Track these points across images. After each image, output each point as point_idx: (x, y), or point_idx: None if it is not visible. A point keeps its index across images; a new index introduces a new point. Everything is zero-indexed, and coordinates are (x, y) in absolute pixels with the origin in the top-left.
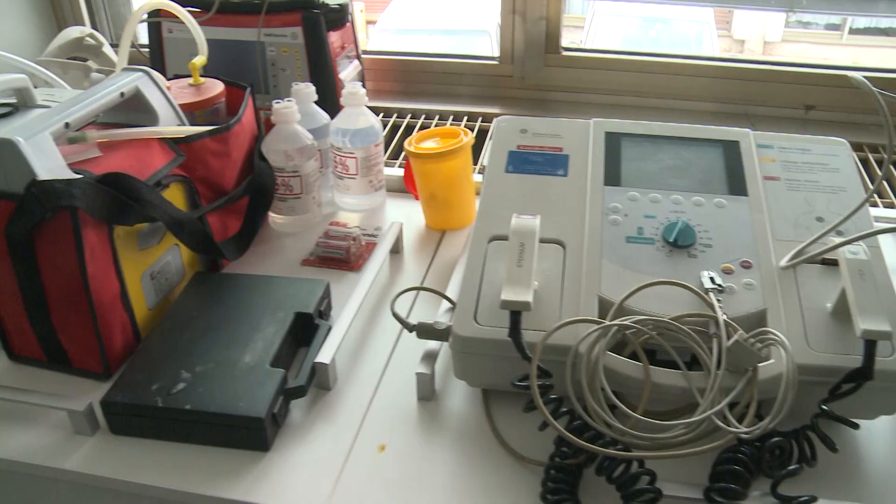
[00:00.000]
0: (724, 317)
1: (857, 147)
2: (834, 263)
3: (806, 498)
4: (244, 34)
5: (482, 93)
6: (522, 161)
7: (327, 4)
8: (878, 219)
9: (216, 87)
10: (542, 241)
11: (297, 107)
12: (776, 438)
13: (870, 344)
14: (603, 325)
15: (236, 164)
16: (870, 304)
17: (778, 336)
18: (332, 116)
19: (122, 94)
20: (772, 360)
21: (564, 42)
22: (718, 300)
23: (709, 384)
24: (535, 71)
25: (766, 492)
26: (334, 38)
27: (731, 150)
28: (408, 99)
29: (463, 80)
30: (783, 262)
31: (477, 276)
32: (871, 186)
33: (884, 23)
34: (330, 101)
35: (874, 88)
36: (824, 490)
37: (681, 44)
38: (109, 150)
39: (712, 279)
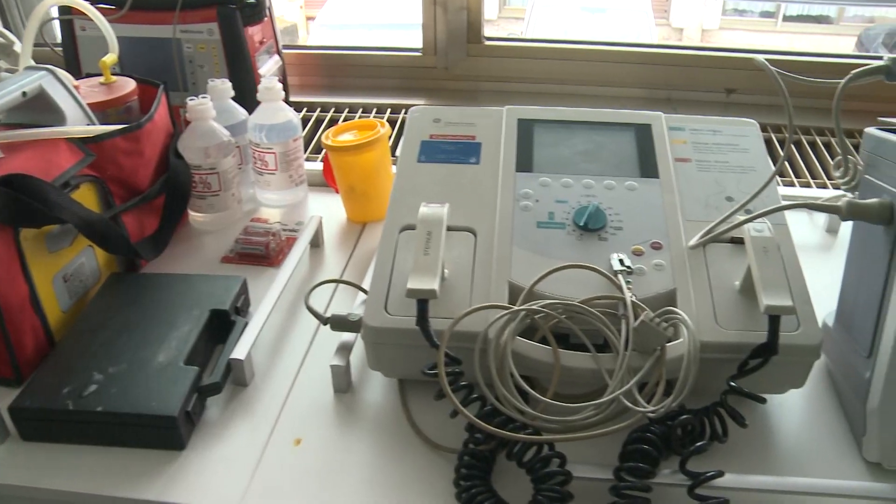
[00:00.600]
0: (633, 298)
1: (776, 129)
2: (742, 242)
3: (713, 473)
4: (160, 31)
5: (408, 85)
6: (435, 150)
7: None
8: (786, 197)
9: (128, 85)
10: (453, 228)
11: (212, 103)
12: (684, 416)
13: (774, 319)
14: (511, 310)
15: (150, 162)
16: (773, 281)
17: (681, 315)
18: (252, 112)
19: (24, 93)
20: (680, 340)
21: (504, 33)
22: (628, 282)
23: (617, 365)
24: (458, 61)
25: (677, 469)
26: (252, 33)
27: (643, 134)
28: (334, 93)
29: (388, 72)
30: (692, 242)
31: (388, 267)
32: (786, 166)
33: (815, 10)
34: (249, 97)
35: (773, 70)
36: (737, 464)
37: (616, 30)
38: (12, 151)
39: (621, 261)
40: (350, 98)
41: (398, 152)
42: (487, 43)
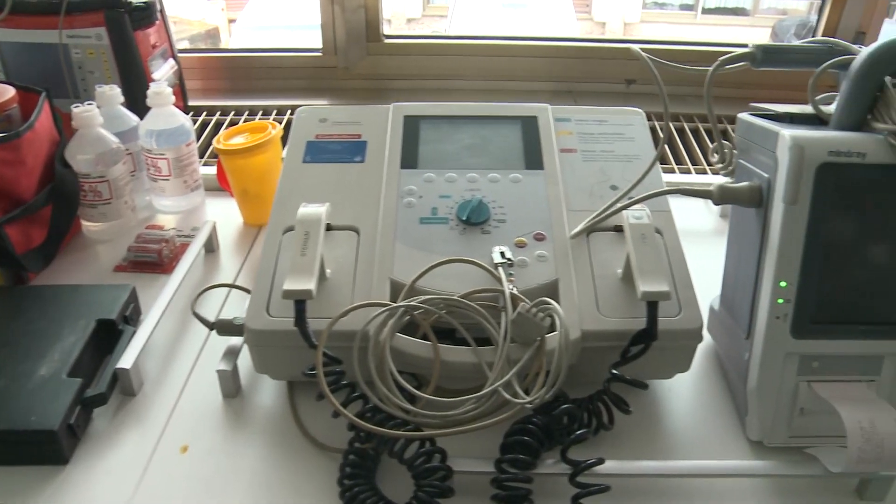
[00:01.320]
0: (512, 290)
1: (673, 117)
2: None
3: (593, 461)
4: (46, 36)
5: (311, 85)
6: (320, 150)
7: (131, 3)
8: (670, 184)
9: (6, 92)
10: (337, 228)
11: (100, 110)
12: (565, 406)
13: (651, 305)
14: (389, 307)
15: (34, 172)
16: (650, 267)
17: (553, 305)
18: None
19: None
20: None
21: (428, 31)
22: (510, 274)
23: (496, 358)
24: (358, 60)
25: (560, 459)
26: (143, 36)
27: (529, 126)
28: (239, 96)
29: (291, 73)
30: (573, 232)
31: (271, 269)
32: (668, 153)
33: (731, 2)
34: (142, 102)
35: (647, 59)
36: (628, 451)
37: (539, 26)
38: None
39: (502, 254)
40: (254, 101)
41: (283, 154)
42: (387, 41)
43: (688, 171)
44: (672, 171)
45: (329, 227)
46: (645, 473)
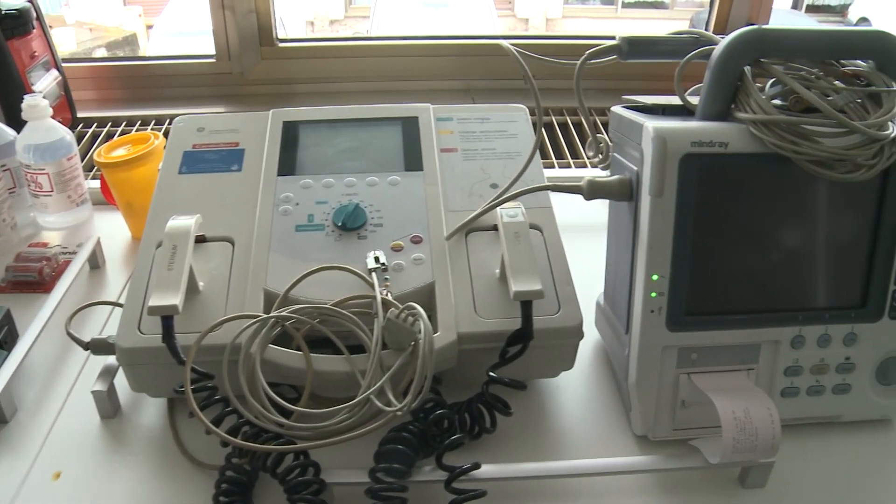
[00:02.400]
0: (386, 295)
1: (571, 111)
2: None
3: (468, 465)
4: None
5: (207, 93)
6: (196, 160)
7: (1, 10)
8: (552, 179)
9: None
10: (211, 239)
11: None
12: (439, 412)
13: (526, 304)
14: (259, 318)
15: None
16: (523, 266)
17: (417, 309)
18: None
19: None
20: (437, 334)
21: (350, 32)
22: (386, 279)
23: (369, 365)
24: (253, 66)
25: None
26: (19, 46)
27: (410, 127)
28: (135, 106)
29: (187, 81)
30: (448, 233)
31: (143, 285)
32: (550, 149)
33: None
34: (20, 115)
35: (516, 53)
36: (513, 453)
37: (462, 25)
38: None
39: (377, 259)
40: (151, 110)
41: (160, 165)
42: (281, 45)
43: (568, 166)
44: (552, 167)
45: (203, 239)
46: (524, 476)
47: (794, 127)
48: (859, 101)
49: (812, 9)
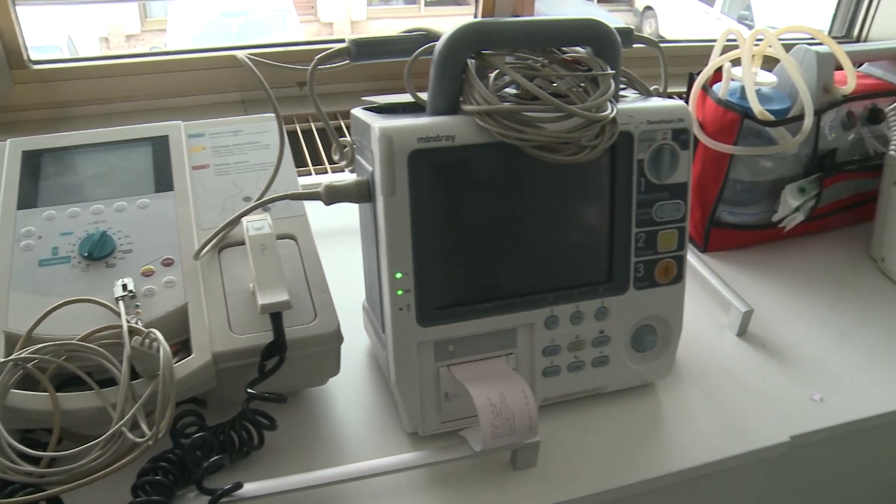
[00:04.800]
0: (135, 323)
1: (315, 118)
2: None
3: (229, 486)
4: None
5: None
6: None
7: None
8: (306, 186)
9: None
10: None
11: None
12: (196, 436)
13: (276, 316)
14: None
15: None
16: (270, 278)
17: (155, 334)
18: None
19: None
20: (192, 356)
21: (148, 47)
22: (136, 306)
23: (119, 397)
24: (5, 92)
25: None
26: None
27: (160, 146)
28: None
29: None
30: (197, 252)
31: None
32: (308, 157)
33: None
34: None
35: (250, 63)
36: (288, 466)
37: (264, 33)
38: None
39: (124, 286)
40: None
41: None
42: (35, 67)
43: (325, 172)
44: (310, 174)
45: None
46: (290, 489)
47: (517, 115)
48: (582, 85)
49: None
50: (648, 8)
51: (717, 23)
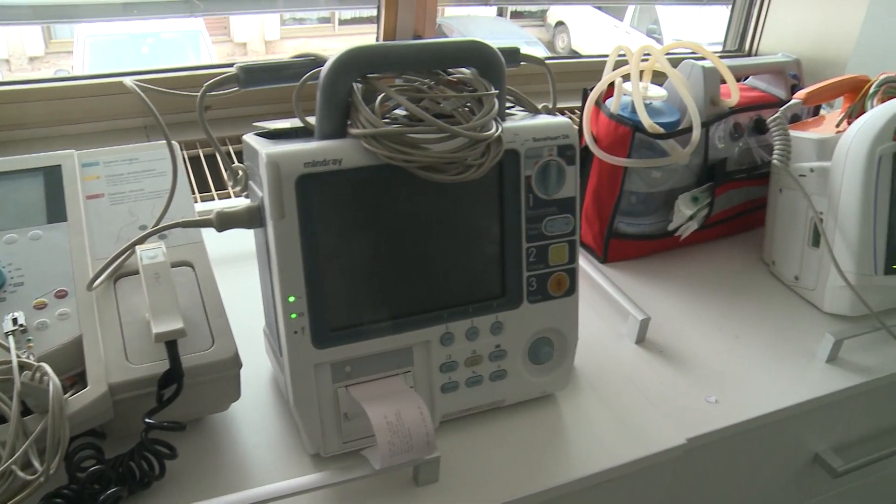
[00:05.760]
0: (26, 357)
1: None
2: None
3: None
4: None
5: None
6: None
7: None
8: (202, 213)
9: None
10: None
11: None
12: (92, 469)
13: (171, 344)
14: None
15: None
16: (164, 306)
17: (44, 367)
18: None
19: None
20: (87, 388)
21: (53, 70)
22: (28, 340)
23: (9, 434)
24: None
25: None
26: None
27: (52, 176)
28: None
29: None
30: (91, 282)
31: None
32: (211, 182)
33: (366, 12)
34: None
35: (138, 90)
36: (190, 495)
37: (175, 55)
38: None
39: (14, 320)
40: None
41: None
42: None
43: (228, 196)
44: (212, 199)
45: None
46: None
47: (402, 137)
48: (468, 105)
49: (515, 15)
50: (560, 23)
51: (627, 37)
